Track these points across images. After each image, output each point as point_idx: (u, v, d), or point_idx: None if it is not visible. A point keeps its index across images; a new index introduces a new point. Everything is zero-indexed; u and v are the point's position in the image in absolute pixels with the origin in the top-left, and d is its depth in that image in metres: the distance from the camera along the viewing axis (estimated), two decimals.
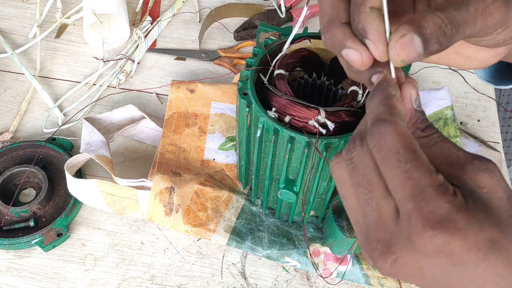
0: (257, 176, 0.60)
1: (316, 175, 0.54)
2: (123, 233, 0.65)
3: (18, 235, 0.62)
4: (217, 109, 0.72)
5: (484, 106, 0.81)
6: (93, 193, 0.62)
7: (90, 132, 0.66)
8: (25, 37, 0.84)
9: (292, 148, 0.50)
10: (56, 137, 0.71)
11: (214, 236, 0.62)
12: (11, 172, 0.65)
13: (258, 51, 0.56)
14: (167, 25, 0.88)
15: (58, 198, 0.66)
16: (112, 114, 0.70)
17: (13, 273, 0.61)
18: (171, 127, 0.70)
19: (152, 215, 0.63)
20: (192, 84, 0.74)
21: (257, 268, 0.63)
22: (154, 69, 0.82)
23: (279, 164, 0.55)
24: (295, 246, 0.63)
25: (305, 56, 0.56)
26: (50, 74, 0.80)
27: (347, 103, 0.51)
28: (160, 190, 0.62)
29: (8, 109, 0.76)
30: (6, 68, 0.80)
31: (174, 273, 0.62)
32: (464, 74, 0.82)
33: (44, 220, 0.64)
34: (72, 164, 0.65)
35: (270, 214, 0.66)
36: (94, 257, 0.63)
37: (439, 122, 0.71)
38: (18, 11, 0.87)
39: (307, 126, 0.50)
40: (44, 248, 0.62)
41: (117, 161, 0.71)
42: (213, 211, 0.64)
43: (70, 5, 0.88)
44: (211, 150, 0.70)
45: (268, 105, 0.52)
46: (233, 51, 0.84)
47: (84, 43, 0.84)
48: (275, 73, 0.53)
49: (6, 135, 0.71)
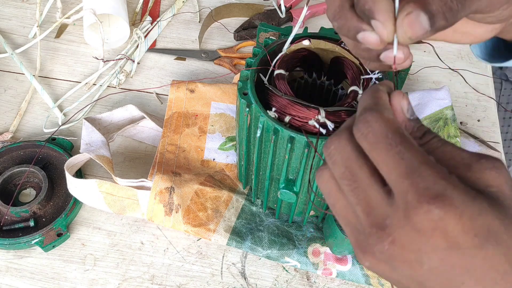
0: (257, 176, 0.60)
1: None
2: (123, 233, 0.65)
3: (18, 235, 0.62)
4: (217, 109, 0.72)
5: (484, 106, 0.81)
6: (93, 193, 0.62)
7: (90, 132, 0.66)
8: (25, 37, 0.84)
9: (292, 148, 0.50)
10: (56, 137, 0.71)
11: (214, 236, 0.62)
12: (11, 172, 0.65)
13: (258, 51, 0.56)
14: (167, 25, 0.88)
15: (58, 198, 0.66)
16: (112, 114, 0.70)
17: (13, 273, 0.61)
18: (171, 127, 0.70)
19: (152, 215, 0.63)
20: (192, 84, 0.74)
21: (257, 268, 0.63)
22: (154, 69, 0.82)
23: (279, 164, 0.55)
24: (295, 246, 0.63)
25: (305, 56, 0.56)
26: (50, 74, 0.80)
27: (348, 103, 0.51)
28: (160, 190, 0.62)
29: (8, 109, 0.76)
30: (6, 68, 0.80)
31: (174, 273, 0.62)
32: (465, 75, 0.82)
33: (44, 220, 0.64)
34: (72, 164, 0.65)
35: (270, 214, 0.66)
36: (94, 257, 0.63)
37: (439, 122, 0.71)
38: (18, 11, 0.87)
39: (307, 126, 0.50)
40: (44, 248, 0.62)
41: (117, 161, 0.71)
42: (213, 211, 0.64)
43: (70, 5, 0.88)
44: (211, 150, 0.70)
45: (268, 105, 0.52)
46: (233, 51, 0.84)
47: (84, 43, 0.84)
48: (275, 73, 0.53)
49: (6, 135, 0.71)
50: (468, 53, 0.88)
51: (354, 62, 0.55)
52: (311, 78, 0.58)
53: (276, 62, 0.54)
